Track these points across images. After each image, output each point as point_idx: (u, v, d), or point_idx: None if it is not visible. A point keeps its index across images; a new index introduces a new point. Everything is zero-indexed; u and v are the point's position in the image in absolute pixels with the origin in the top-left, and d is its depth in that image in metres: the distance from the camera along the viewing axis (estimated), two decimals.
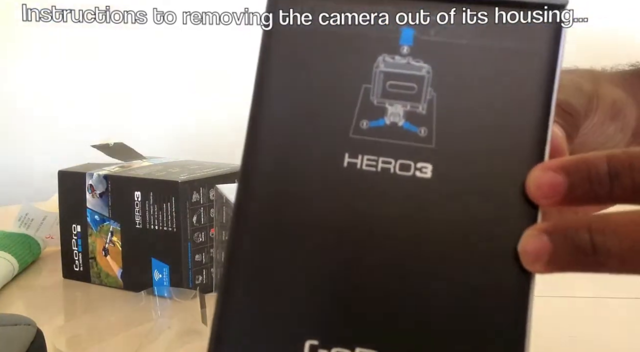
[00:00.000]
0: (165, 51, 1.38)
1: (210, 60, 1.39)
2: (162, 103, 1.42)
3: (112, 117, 1.40)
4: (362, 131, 0.27)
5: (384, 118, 0.27)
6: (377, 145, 0.27)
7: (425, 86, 0.27)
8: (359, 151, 0.27)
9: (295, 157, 0.27)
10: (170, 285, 0.66)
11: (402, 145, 0.27)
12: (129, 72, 1.39)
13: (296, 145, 0.27)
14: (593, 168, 0.26)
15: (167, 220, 0.66)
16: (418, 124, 0.27)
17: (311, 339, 0.26)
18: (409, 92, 0.27)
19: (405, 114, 0.27)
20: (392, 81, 0.27)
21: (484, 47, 0.27)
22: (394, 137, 0.27)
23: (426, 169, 0.26)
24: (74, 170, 0.72)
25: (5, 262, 0.71)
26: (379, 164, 0.27)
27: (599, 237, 0.25)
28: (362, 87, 0.27)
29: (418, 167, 0.26)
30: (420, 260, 0.26)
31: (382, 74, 0.27)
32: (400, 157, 0.26)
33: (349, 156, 0.27)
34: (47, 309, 0.67)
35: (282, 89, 0.28)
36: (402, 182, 0.26)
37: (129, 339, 0.58)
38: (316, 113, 0.27)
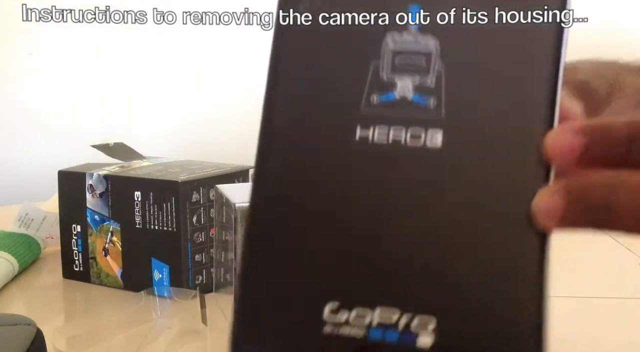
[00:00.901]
0: (165, 51, 1.38)
1: (210, 60, 1.39)
2: (162, 103, 1.41)
3: (112, 117, 1.40)
4: (372, 105, 0.28)
5: (394, 92, 0.28)
6: (387, 118, 0.28)
7: (434, 60, 0.28)
8: (370, 124, 0.28)
9: (309, 131, 0.28)
10: (170, 285, 0.66)
11: (412, 117, 0.28)
12: (129, 72, 1.39)
13: (310, 121, 0.28)
14: (612, 131, 0.26)
15: (167, 220, 0.66)
16: (427, 96, 0.28)
17: (333, 300, 0.26)
18: (418, 67, 0.28)
19: (415, 87, 0.28)
20: (401, 56, 0.28)
21: (490, 22, 0.28)
22: (404, 110, 0.28)
23: (436, 138, 0.27)
24: (74, 170, 0.72)
25: (5, 262, 0.71)
26: (390, 136, 0.27)
27: (612, 195, 0.25)
28: (372, 64, 0.28)
29: (428, 137, 0.27)
30: (434, 224, 0.27)
31: (391, 50, 0.28)
32: (410, 128, 0.27)
33: (361, 129, 0.28)
34: (47, 309, 0.67)
35: (294, 68, 0.29)
36: (413, 152, 0.27)
37: (129, 339, 0.58)
38: (328, 90, 0.28)
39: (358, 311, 0.26)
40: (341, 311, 0.26)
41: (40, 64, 1.37)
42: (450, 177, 0.27)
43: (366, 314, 0.26)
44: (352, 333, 0.26)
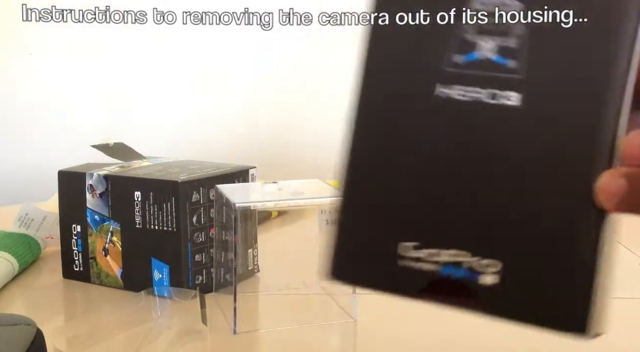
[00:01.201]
0: (165, 51, 1.38)
1: (210, 60, 1.39)
2: (162, 103, 1.41)
3: (112, 117, 1.40)
4: (455, 65, 0.30)
5: (476, 52, 0.30)
6: (469, 76, 0.30)
7: (517, 22, 0.30)
8: (452, 82, 0.30)
9: (399, 89, 0.31)
10: (170, 285, 0.66)
11: (492, 76, 0.30)
12: (129, 72, 1.39)
13: (398, 79, 0.31)
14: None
15: (167, 220, 0.66)
16: (508, 57, 0.29)
17: (408, 240, 0.30)
18: (501, 29, 0.30)
19: (497, 48, 0.30)
20: (485, 18, 0.30)
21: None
22: (485, 69, 0.30)
23: (514, 97, 0.29)
24: (74, 170, 0.72)
25: (5, 262, 0.71)
26: (470, 93, 0.30)
27: None
28: (456, 25, 0.30)
29: (506, 96, 0.29)
30: (507, 178, 0.29)
31: (475, 11, 0.30)
32: (490, 86, 0.30)
33: (442, 87, 0.30)
34: (47, 309, 0.67)
35: (385, 30, 0.32)
36: (491, 109, 0.29)
37: (129, 339, 0.58)
38: (414, 51, 0.31)
39: (432, 251, 0.30)
40: (417, 249, 0.30)
41: (40, 64, 1.37)
42: (526, 133, 0.29)
43: (439, 253, 0.30)
44: (426, 268, 0.30)
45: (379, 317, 0.63)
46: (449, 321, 0.62)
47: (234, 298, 0.58)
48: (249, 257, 0.72)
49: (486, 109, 0.29)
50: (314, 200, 0.62)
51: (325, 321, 0.62)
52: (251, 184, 0.71)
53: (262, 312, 0.68)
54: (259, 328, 0.63)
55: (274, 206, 0.71)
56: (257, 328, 0.63)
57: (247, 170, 0.72)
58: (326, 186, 0.64)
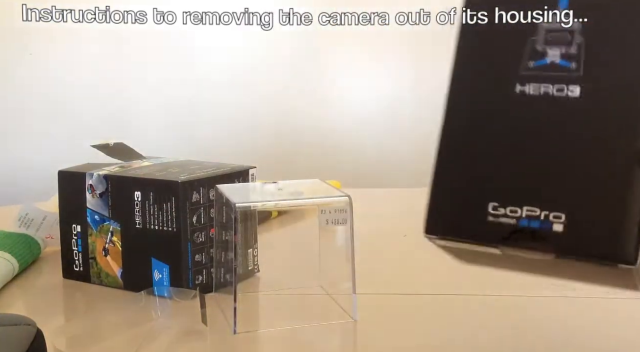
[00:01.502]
0: (165, 51, 1.38)
1: (210, 60, 1.39)
2: (162, 103, 1.42)
3: (112, 117, 1.40)
4: (529, 68, 0.40)
5: (546, 58, 0.40)
6: (540, 76, 0.40)
7: (577, 34, 0.39)
8: (527, 81, 0.40)
9: (483, 89, 0.41)
10: (170, 285, 0.66)
11: (558, 75, 0.39)
12: (129, 72, 1.39)
13: (483, 81, 0.42)
14: None
15: (167, 220, 0.66)
16: (570, 61, 0.39)
17: (493, 201, 0.40)
18: (564, 39, 0.39)
19: (561, 55, 0.39)
20: (552, 33, 0.40)
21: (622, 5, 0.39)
22: (552, 71, 0.39)
23: (576, 90, 0.39)
24: (74, 170, 0.72)
25: (5, 262, 0.71)
26: (542, 89, 0.40)
27: None
28: (529, 39, 0.40)
29: (570, 89, 0.39)
30: (570, 151, 0.38)
31: (544, 27, 0.40)
32: (557, 83, 0.39)
33: (520, 85, 0.40)
34: (47, 309, 0.67)
35: (471, 44, 0.42)
36: (558, 101, 0.39)
37: (129, 339, 0.58)
38: (498, 58, 0.41)
39: (512, 208, 0.39)
40: (501, 208, 0.39)
41: (40, 64, 1.37)
42: (585, 118, 0.38)
43: (518, 210, 0.39)
44: (508, 221, 0.39)
45: (379, 317, 0.63)
46: (449, 322, 0.62)
47: (234, 298, 0.58)
48: (249, 257, 0.72)
49: (555, 99, 0.39)
50: (314, 200, 0.62)
51: (325, 321, 0.62)
52: (251, 184, 0.71)
53: (262, 312, 0.68)
54: (259, 328, 0.63)
55: (274, 206, 0.71)
56: (257, 328, 0.63)
57: (247, 171, 0.72)
58: (326, 186, 0.64)
